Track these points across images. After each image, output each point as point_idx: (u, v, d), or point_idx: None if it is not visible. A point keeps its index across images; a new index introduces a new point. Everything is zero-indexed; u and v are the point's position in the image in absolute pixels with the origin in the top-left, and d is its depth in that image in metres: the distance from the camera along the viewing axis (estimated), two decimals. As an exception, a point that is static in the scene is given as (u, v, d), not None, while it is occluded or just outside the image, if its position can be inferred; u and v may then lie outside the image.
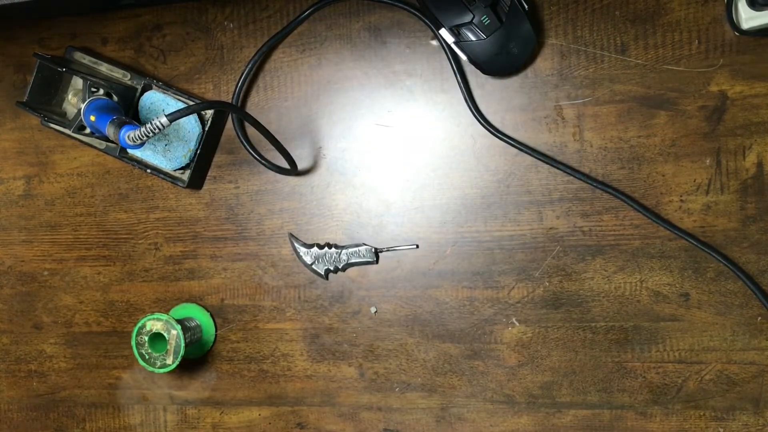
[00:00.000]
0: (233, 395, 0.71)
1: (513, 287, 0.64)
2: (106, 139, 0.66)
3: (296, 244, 0.66)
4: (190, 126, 0.66)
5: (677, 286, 0.62)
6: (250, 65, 0.66)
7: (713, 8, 0.59)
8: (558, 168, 0.62)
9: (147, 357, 0.66)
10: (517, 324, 0.65)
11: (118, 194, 0.72)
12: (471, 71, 0.63)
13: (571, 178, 0.62)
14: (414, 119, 0.65)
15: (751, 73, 0.59)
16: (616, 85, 0.61)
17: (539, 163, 0.63)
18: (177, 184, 0.68)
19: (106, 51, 0.70)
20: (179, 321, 0.66)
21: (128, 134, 0.56)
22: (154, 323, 0.66)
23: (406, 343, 0.67)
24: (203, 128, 0.67)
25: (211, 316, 0.70)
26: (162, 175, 0.68)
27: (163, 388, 0.72)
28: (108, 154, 0.69)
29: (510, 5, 0.59)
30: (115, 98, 0.65)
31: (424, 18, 0.62)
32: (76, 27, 0.71)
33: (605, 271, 0.63)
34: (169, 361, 0.66)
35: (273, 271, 0.69)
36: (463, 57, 0.61)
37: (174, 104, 0.67)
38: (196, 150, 0.67)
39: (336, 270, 0.67)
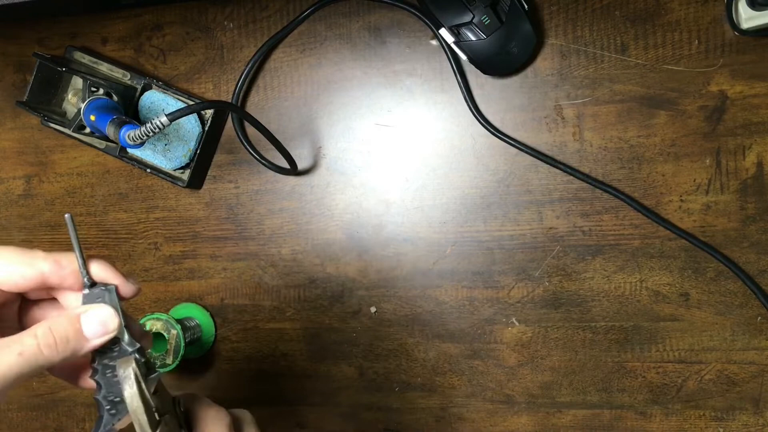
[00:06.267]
0: (233, 395, 0.71)
1: (513, 287, 0.64)
2: (106, 138, 0.66)
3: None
4: (190, 126, 0.66)
5: (677, 286, 0.62)
6: (250, 65, 0.66)
7: (713, 8, 0.59)
8: (558, 168, 0.62)
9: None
10: (517, 324, 0.65)
11: (118, 194, 0.71)
12: (471, 71, 0.63)
13: (571, 177, 0.62)
14: (414, 119, 0.65)
15: (751, 73, 0.59)
16: (616, 85, 0.61)
17: (539, 162, 0.63)
18: (177, 184, 0.68)
19: (106, 51, 0.70)
20: (179, 321, 0.66)
21: (128, 134, 0.56)
22: (153, 323, 0.66)
23: (405, 343, 0.67)
24: (203, 128, 0.67)
25: (211, 315, 0.70)
26: (162, 175, 0.68)
27: (163, 388, 0.72)
28: (108, 153, 0.69)
29: (510, 5, 0.59)
30: (115, 98, 0.65)
31: (424, 18, 0.62)
32: (76, 27, 0.71)
33: (605, 270, 0.63)
34: (169, 361, 0.66)
35: (273, 270, 0.69)
36: (463, 57, 0.61)
37: (174, 104, 0.67)
38: (196, 150, 0.67)
39: None
